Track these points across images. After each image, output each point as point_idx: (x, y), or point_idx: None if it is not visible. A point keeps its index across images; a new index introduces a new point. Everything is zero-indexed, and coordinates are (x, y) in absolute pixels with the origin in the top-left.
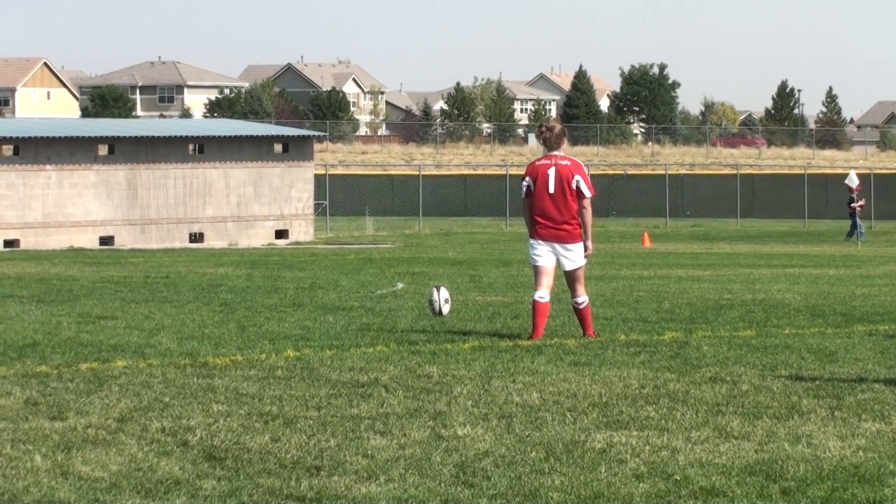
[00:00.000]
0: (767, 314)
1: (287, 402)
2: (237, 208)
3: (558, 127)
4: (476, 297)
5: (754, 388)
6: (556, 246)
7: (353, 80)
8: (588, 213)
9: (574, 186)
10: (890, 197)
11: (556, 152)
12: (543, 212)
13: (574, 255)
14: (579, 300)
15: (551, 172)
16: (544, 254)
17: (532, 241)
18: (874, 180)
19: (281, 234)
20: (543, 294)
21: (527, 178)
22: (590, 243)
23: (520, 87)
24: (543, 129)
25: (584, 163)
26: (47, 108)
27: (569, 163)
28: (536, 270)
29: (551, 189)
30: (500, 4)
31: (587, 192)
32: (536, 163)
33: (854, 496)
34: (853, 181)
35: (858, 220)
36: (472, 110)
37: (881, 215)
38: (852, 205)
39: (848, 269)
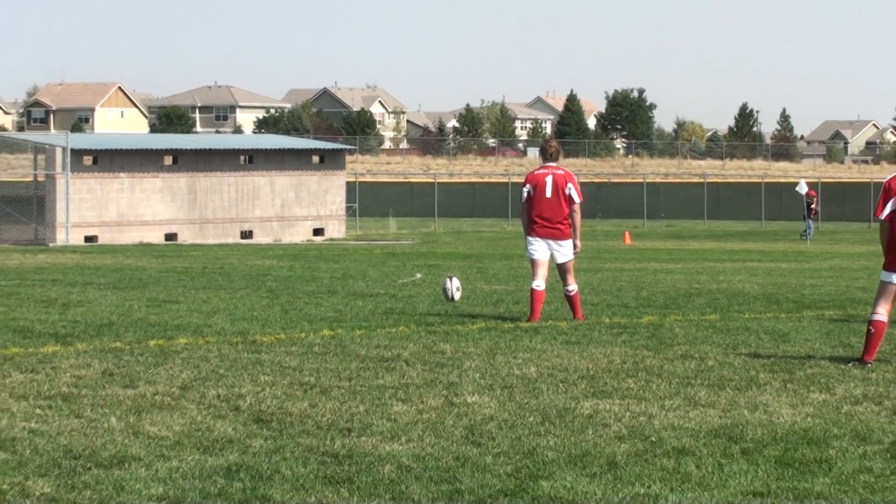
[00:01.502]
0: (730, 301)
1: (323, 374)
2: (281, 210)
3: (555, 144)
4: (482, 285)
5: (718, 363)
6: (551, 242)
7: (379, 101)
8: (577, 215)
9: (567, 193)
10: (834, 202)
11: (552, 164)
12: (541, 213)
13: (565, 250)
14: (570, 288)
15: (548, 180)
16: (540, 248)
17: (529, 238)
18: (821, 188)
19: (318, 231)
20: (539, 283)
21: (527, 185)
22: (578, 241)
23: (520, 108)
24: (550, 144)
25: (575, 172)
26: (121, 125)
27: (563, 172)
28: (533, 263)
29: (548, 194)
30: (503, 38)
31: (577, 198)
32: (535, 172)
33: (803, 455)
34: (803, 188)
35: (811, 222)
36: (480, 127)
37: (826, 218)
38: (812, 206)
39: (798, 263)
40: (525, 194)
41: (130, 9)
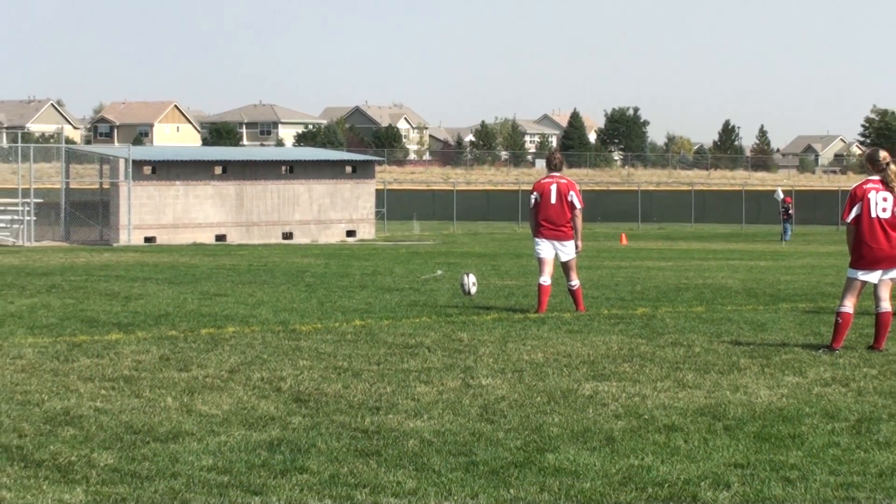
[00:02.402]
0: (714, 295)
1: (354, 359)
2: (318, 214)
3: (560, 156)
4: (496, 281)
5: (704, 350)
6: (555, 242)
7: (405, 118)
8: (579, 219)
9: (569, 199)
10: (807, 208)
11: (556, 173)
12: (547, 217)
13: (568, 250)
14: (573, 283)
15: (553, 188)
16: (546, 248)
17: (536, 239)
18: (795, 195)
19: (350, 233)
20: (546, 279)
21: (535, 193)
22: (580, 242)
23: (529, 124)
24: (555, 156)
25: (577, 181)
26: (176, 138)
27: (566, 181)
28: (540, 261)
29: (553, 200)
30: (514, 62)
31: (578, 204)
32: (542, 181)
33: (779, 431)
34: (779, 196)
35: (788, 226)
36: (493, 141)
37: (799, 221)
38: (789, 211)
39: (775, 261)
40: (533, 201)
41: (185, 35)
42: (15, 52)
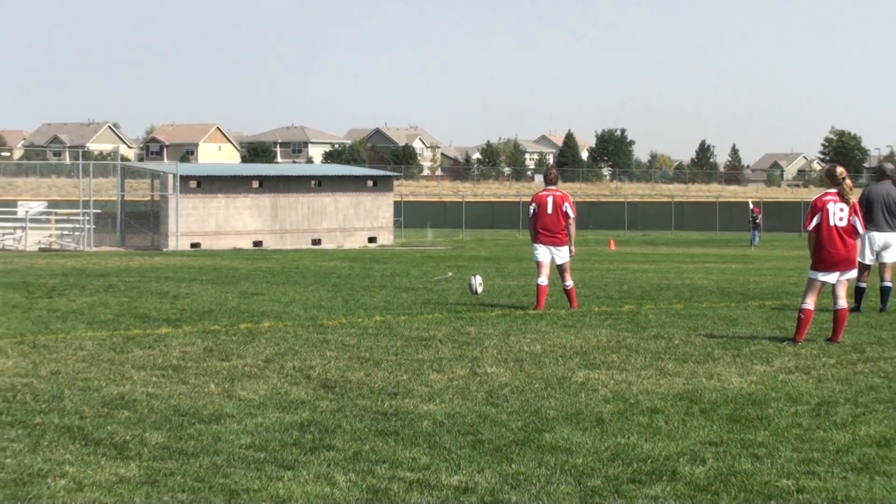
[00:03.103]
0: (691, 294)
1: (375, 350)
2: (343, 222)
3: (555, 171)
4: (499, 281)
5: (683, 342)
6: (551, 247)
7: (419, 138)
8: (572, 227)
9: (563, 209)
10: (773, 217)
11: (552, 187)
12: (544, 225)
13: (562, 254)
14: (567, 284)
15: (549, 200)
16: (543, 253)
17: (535, 245)
18: (763, 206)
19: (371, 239)
20: (543, 280)
21: (533, 204)
22: (573, 247)
23: (528, 143)
24: (551, 172)
25: (570, 194)
26: (219, 156)
27: (560, 194)
28: (538, 264)
29: (549, 211)
30: (516, 88)
31: (571, 214)
32: (539, 193)
33: (749, 414)
34: (749, 206)
35: (756, 232)
36: (497, 159)
37: (767, 229)
38: (757, 220)
39: (745, 264)
40: (532, 211)
41: (226, 65)
42: (77, 79)
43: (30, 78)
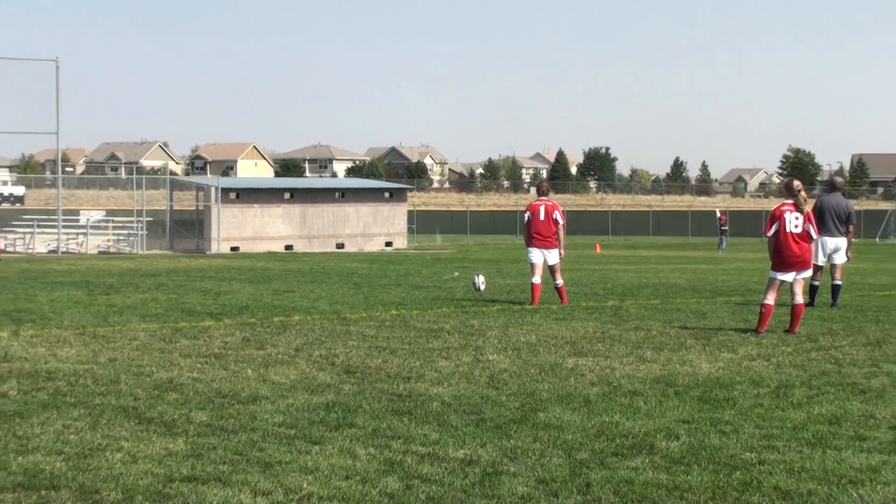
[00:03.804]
0: (667, 291)
1: (391, 340)
2: (363, 229)
3: (547, 184)
4: (499, 280)
5: (659, 333)
6: (544, 250)
7: (430, 156)
8: (562, 232)
9: (554, 217)
10: (738, 224)
11: (544, 197)
12: (537, 231)
13: (553, 256)
14: (558, 282)
15: (542, 208)
16: (537, 255)
17: (529, 249)
18: (729, 215)
19: (388, 243)
20: (537, 279)
21: (528, 212)
22: (563, 250)
23: (525, 160)
24: (543, 185)
25: (560, 204)
26: (255, 171)
27: (551, 203)
28: (532, 265)
29: (542, 218)
30: (514, 112)
31: (560, 221)
32: (533, 203)
33: (717, 395)
34: (717, 214)
35: (723, 238)
36: (498, 173)
37: (733, 234)
38: (724, 227)
39: (714, 265)
40: (526, 218)
41: (262, 91)
42: (131, 103)
43: (91, 103)
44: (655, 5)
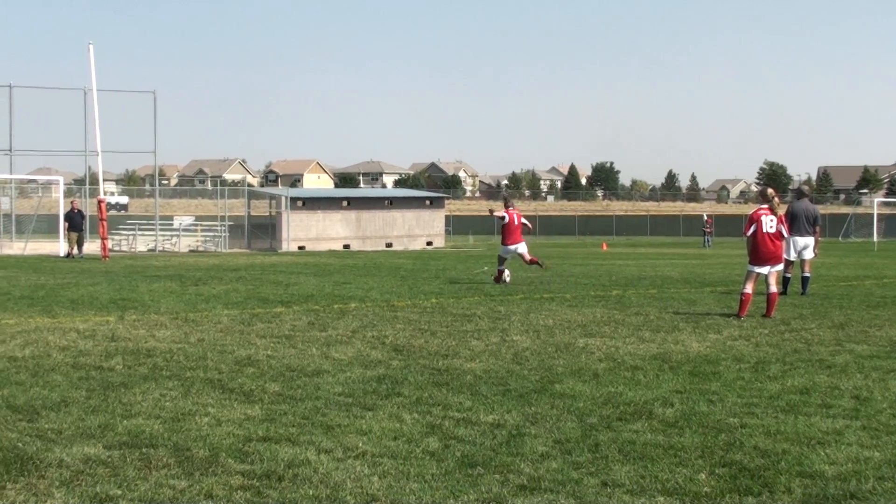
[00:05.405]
0: (663, 282)
1: (432, 324)
2: (408, 231)
3: (510, 199)
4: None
5: (656, 317)
6: (517, 245)
7: (463, 170)
8: (527, 229)
9: (522, 221)
10: (722, 227)
11: (511, 209)
12: (511, 232)
13: (522, 248)
14: (527, 258)
15: (514, 214)
16: (510, 250)
17: (504, 246)
18: (715, 218)
19: (429, 243)
20: (504, 267)
21: (506, 217)
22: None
23: (542, 173)
24: (508, 200)
25: (573, 211)
26: (318, 183)
27: (518, 212)
28: (501, 259)
29: (516, 223)
30: (535, 131)
31: (528, 224)
32: (508, 211)
33: (705, 370)
34: (704, 218)
35: (709, 237)
36: (520, 184)
37: (718, 235)
38: (708, 230)
39: (701, 260)
40: (502, 220)
41: (325, 115)
42: (216, 126)
43: (182, 125)
44: (654, 40)
